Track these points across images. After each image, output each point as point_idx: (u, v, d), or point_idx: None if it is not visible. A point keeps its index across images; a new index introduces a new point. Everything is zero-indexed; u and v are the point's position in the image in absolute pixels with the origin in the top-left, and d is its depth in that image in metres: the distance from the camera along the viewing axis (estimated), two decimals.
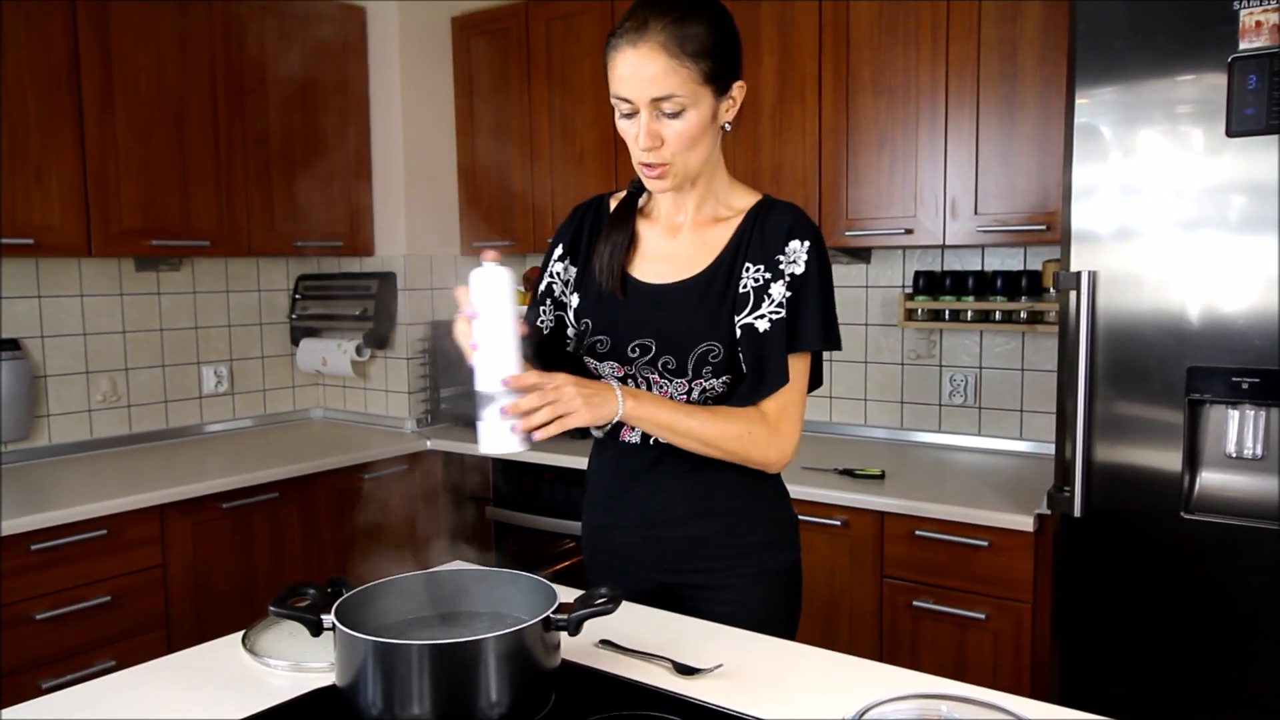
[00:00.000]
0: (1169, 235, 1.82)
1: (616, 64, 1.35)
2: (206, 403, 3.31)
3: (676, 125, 1.35)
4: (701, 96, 1.35)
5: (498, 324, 1.22)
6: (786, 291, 1.41)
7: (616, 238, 1.50)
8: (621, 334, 1.46)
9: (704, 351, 1.43)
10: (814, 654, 1.32)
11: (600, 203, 1.59)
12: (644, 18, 1.33)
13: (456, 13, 3.44)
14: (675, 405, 1.42)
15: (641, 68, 1.32)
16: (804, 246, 1.43)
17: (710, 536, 1.49)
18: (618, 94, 1.36)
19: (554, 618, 1.12)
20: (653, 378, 1.47)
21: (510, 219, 3.37)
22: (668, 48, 1.32)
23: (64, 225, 2.60)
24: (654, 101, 1.34)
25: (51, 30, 2.54)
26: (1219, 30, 1.73)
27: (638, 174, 1.45)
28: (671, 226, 1.51)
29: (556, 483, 2.96)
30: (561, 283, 1.56)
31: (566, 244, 1.57)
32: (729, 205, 1.50)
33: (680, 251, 1.49)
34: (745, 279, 1.43)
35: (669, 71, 1.32)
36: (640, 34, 1.32)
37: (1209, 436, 1.84)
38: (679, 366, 1.44)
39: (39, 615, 2.27)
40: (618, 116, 1.40)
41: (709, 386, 1.45)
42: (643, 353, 1.46)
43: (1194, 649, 1.84)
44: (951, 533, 2.20)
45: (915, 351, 2.89)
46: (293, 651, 1.34)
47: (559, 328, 1.56)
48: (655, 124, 1.35)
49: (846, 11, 2.57)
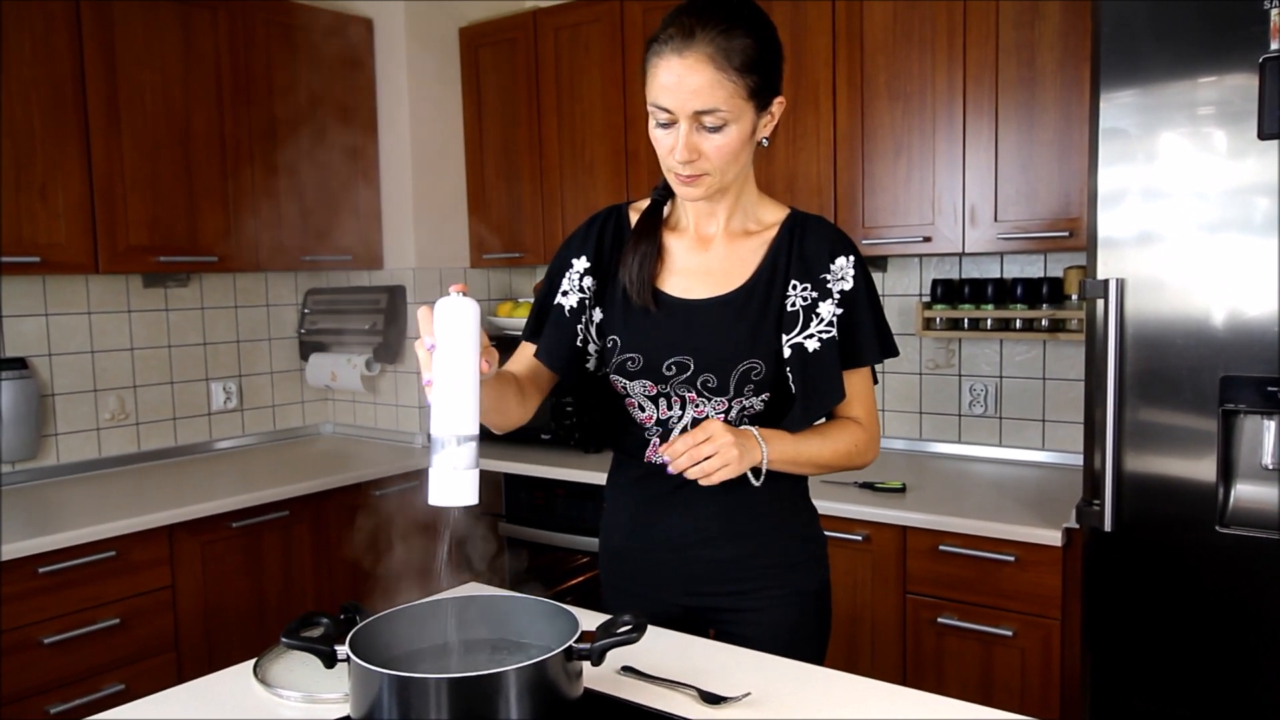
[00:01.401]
0: (1198, 240, 1.77)
1: (659, 72, 1.29)
2: (215, 419, 3.28)
3: (717, 140, 1.31)
4: (744, 112, 1.31)
5: (459, 363, 1.10)
6: (837, 309, 1.40)
7: (645, 249, 1.44)
8: (655, 351, 1.41)
9: (746, 370, 1.39)
10: (844, 680, 1.28)
11: (619, 213, 1.52)
12: (690, 26, 1.27)
13: (464, 23, 3.41)
14: (794, 437, 1.40)
15: (687, 78, 1.26)
16: (850, 262, 1.42)
17: (740, 557, 1.46)
18: (657, 103, 1.30)
19: (576, 647, 1.08)
20: (689, 396, 1.42)
21: (519, 231, 3.33)
22: (715, 59, 1.26)
23: (70, 243, 2.57)
24: (696, 114, 1.28)
25: (56, 47, 2.52)
26: (1249, 31, 1.68)
27: (666, 180, 1.41)
28: (701, 239, 1.46)
29: (570, 498, 2.92)
30: (591, 295, 1.47)
31: (591, 256, 1.48)
32: (758, 219, 1.47)
33: (713, 265, 1.44)
34: (793, 297, 1.41)
35: (715, 85, 1.27)
36: (687, 43, 1.26)
37: (1243, 447, 1.78)
38: (719, 385, 1.40)
39: (47, 639, 2.23)
40: (652, 124, 1.35)
41: (748, 405, 1.42)
42: (679, 370, 1.41)
43: (1229, 666, 1.78)
44: (976, 547, 2.15)
45: (934, 361, 2.84)
46: (305, 682, 1.29)
47: (584, 344, 1.48)
48: (694, 137, 1.30)
49: (860, 17, 2.53)
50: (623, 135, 3.03)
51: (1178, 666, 1.84)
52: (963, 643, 2.20)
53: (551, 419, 3.06)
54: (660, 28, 1.30)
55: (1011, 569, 2.11)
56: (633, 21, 2.96)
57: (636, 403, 1.46)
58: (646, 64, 1.32)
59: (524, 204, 3.31)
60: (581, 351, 1.47)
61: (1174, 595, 1.83)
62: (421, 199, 3.32)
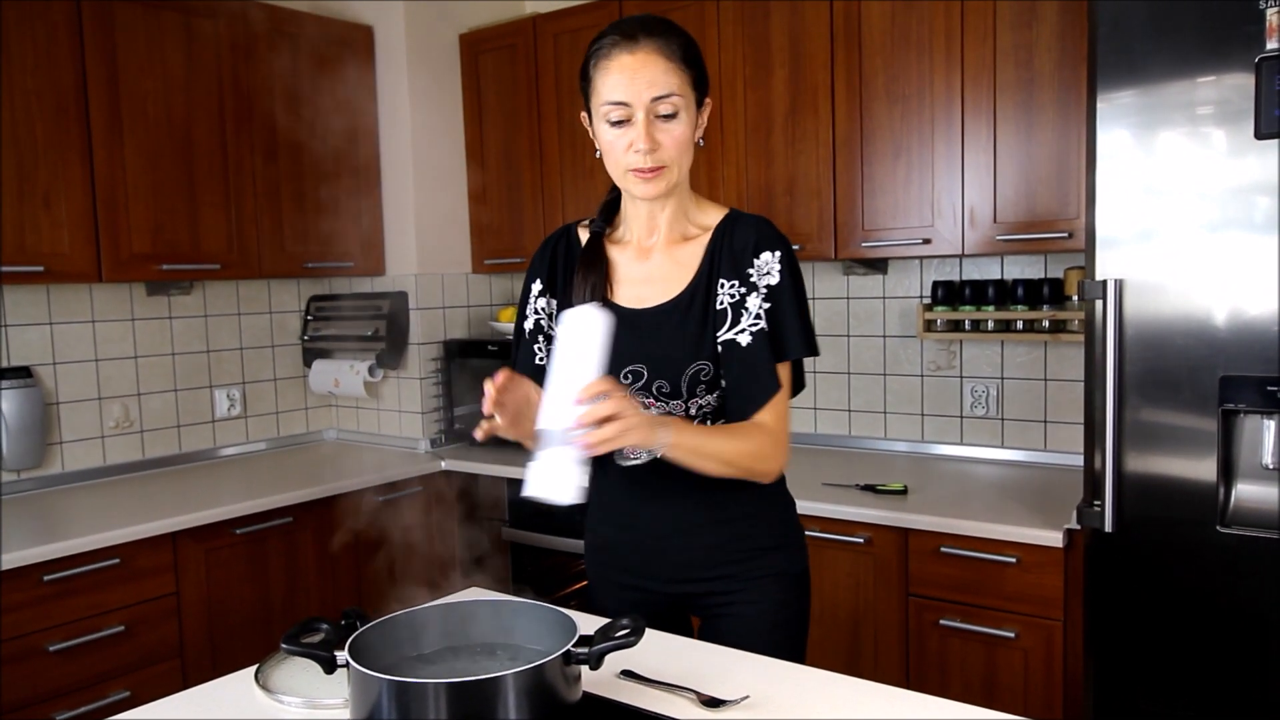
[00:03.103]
0: (1197, 240, 1.77)
1: (610, 71, 1.39)
2: (219, 426, 3.29)
3: (673, 129, 1.40)
4: (690, 101, 1.42)
5: (581, 366, 1.19)
6: (764, 303, 1.44)
7: (593, 278, 1.51)
8: (612, 362, 1.44)
9: (695, 371, 1.46)
10: (842, 682, 1.28)
11: (569, 232, 1.60)
12: (632, 32, 1.40)
13: (464, 30, 3.42)
14: (699, 429, 1.45)
15: (641, 71, 1.37)
16: (775, 257, 1.46)
17: (722, 543, 1.52)
18: (610, 99, 1.39)
19: (574, 651, 1.08)
20: (648, 402, 1.48)
21: (521, 235, 3.34)
22: (662, 51, 1.39)
23: (74, 252, 2.58)
24: (653, 102, 1.38)
25: (59, 57, 2.53)
26: (1245, 30, 1.68)
27: (622, 185, 1.47)
28: (642, 250, 1.53)
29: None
30: (547, 317, 1.57)
31: (544, 278, 1.58)
32: (698, 223, 1.52)
33: (655, 273, 1.51)
34: (721, 295, 1.46)
35: (668, 72, 1.38)
36: (634, 42, 1.39)
37: (1244, 447, 1.78)
38: (673, 389, 1.46)
39: (52, 647, 2.24)
40: (603, 130, 1.43)
41: (704, 403, 1.48)
42: (635, 379, 1.47)
43: (1232, 666, 1.78)
44: (978, 549, 2.15)
45: (935, 363, 2.84)
46: (307, 688, 1.30)
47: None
48: (652, 127, 1.39)
49: (858, 19, 2.54)
50: None
51: (1180, 667, 1.83)
52: (965, 644, 2.19)
53: None
54: (596, 42, 1.43)
55: (1014, 570, 2.11)
56: None
57: None
58: (591, 70, 1.43)
59: (525, 209, 3.32)
60: (543, 369, 1.52)
61: (1175, 595, 1.83)
62: (423, 205, 3.33)
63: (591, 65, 1.43)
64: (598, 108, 1.42)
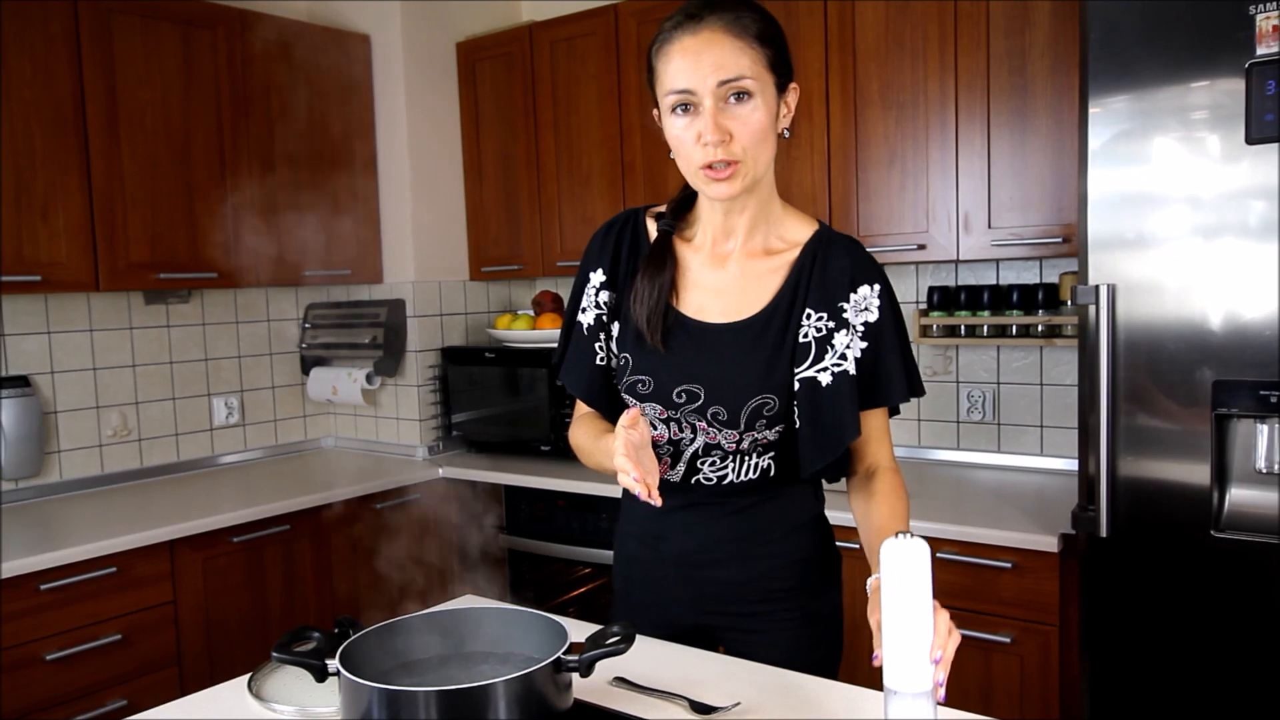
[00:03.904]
0: (1189, 245, 1.77)
1: (673, 56, 1.24)
2: (218, 435, 3.29)
3: (745, 114, 1.23)
4: (766, 85, 1.25)
5: (918, 608, 1.02)
6: (861, 342, 1.31)
7: (659, 284, 1.35)
8: (666, 376, 1.34)
9: (758, 405, 1.32)
10: (837, 690, 1.28)
11: (636, 219, 1.43)
12: (696, 12, 1.24)
13: (461, 38, 3.44)
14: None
15: (706, 52, 1.21)
16: (874, 291, 1.33)
17: (750, 579, 1.41)
18: (675, 88, 1.23)
19: (564, 659, 1.08)
20: (700, 425, 1.35)
21: (518, 243, 3.35)
22: (730, 29, 1.22)
23: (71, 261, 2.59)
24: (722, 85, 1.21)
25: (57, 68, 2.54)
26: (1235, 36, 1.69)
27: (695, 185, 1.30)
28: (716, 256, 1.37)
29: (570, 509, 2.92)
30: (609, 311, 1.41)
31: (607, 268, 1.41)
32: (781, 235, 1.37)
33: (729, 286, 1.35)
34: (806, 327, 1.31)
35: (737, 51, 1.22)
36: (698, 22, 1.23)
37: (1237, 452, 1.78)
38: (730, 418, 1.32)
39: (49, 656, 2.24)
40: (671, 121, 1.26)
41: (760, 437, 1.35)
42: (690, 399, 1.33)
43: (1227, 670, 1.78)
44: (974, 554, 2.15)
45: (931, 368, 2.84)
46: (300, 696, 1.30)
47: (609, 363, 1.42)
48: (722, 115, 1.22)
49: (852, 26, 2.55)
50: (619, 147, 3.04)
51: (1176, 671, 1.83)
52: (962, 650, 2.16)
53: (551, 430, 3.07)
54: (661, 27, 1.27)
55: (1009, 575, 2.11)
56: (627, 34, 2.97)
57: (649, 419, 1.39)
58: (655, 58, 1.27)
59: (522, 216, 3.32)
60: (605, 370, 1.41)
61: (1171, 600, 1.83)
62: (420, 212, 3.34)
63: (654, 52, 1.27)
64: (663, 99, 1.26)
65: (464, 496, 3.17)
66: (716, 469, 1.39)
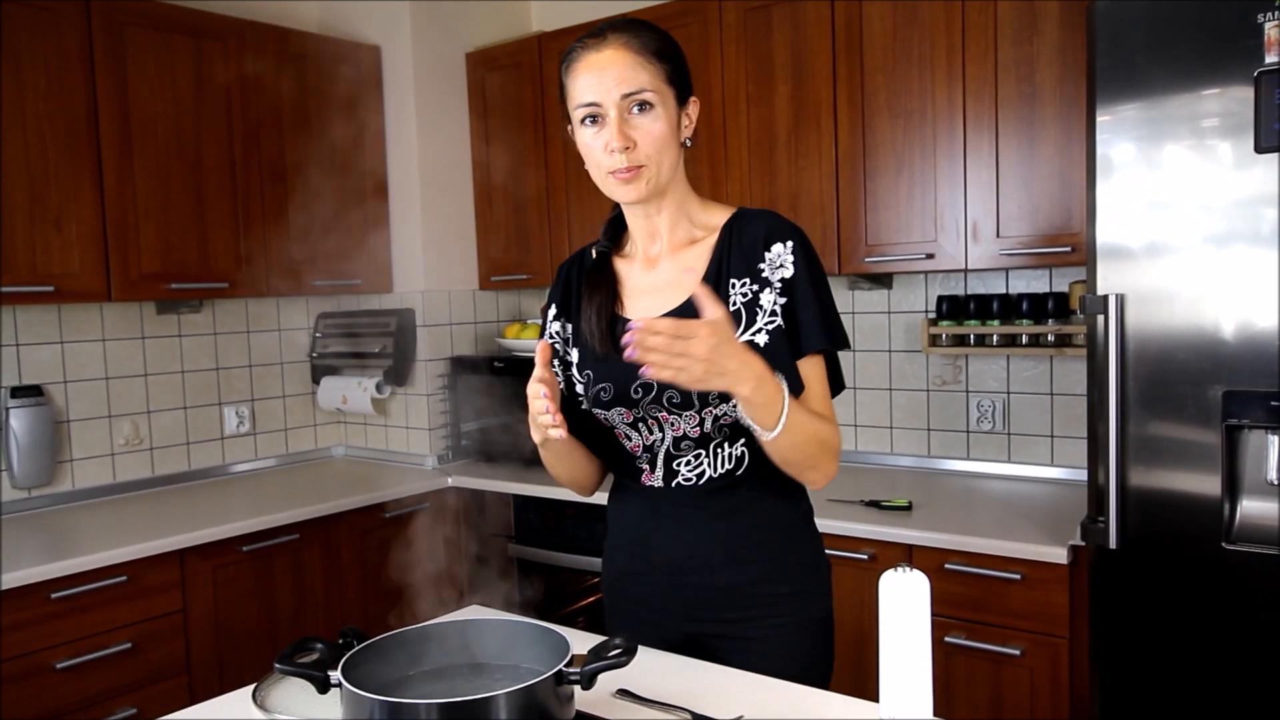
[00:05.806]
0: (1199, 254, 1.76)
1: (578, 73, 1.36)
2: (229, 444, 3.31)
3: (647, 123, 1.34)
4: (667, 97, 1.36)
5: (914, 640, 1.05)
6: (781, 299, 1.37)
7: (599, 299, 1.46)
8: (623, 377, 1.41)
9: None
10: (839, 702, 1.27)
11: (583, 255, 1.56)
12: (600, 33, 1.37)
13: (470, 48, 3.45)
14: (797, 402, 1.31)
15: (608, 69, 1.33)
16: (787, 248, 1.38)
17: (741, 585, 1.43)
18: (583, 101, 1.35)
19: (566, 671, 1.08)
20: (661, 416, 1.40)
21: (528, 253, 3.36)
22: (630, 46, 1.35)
23: (84, 272, 2.61)
24: (625, 98, 1.33)
25: (70, 81, 2.57)
26: (1244, 44, 1.68)
27: (605, 190, 1.41)
28: (648, 260, 1.47)
29: (578, 519, 2.92)
30: (562, 341, 1.53)
31: (559, 303, 1.54)
32: (703, 225, 1.46)
33: (663, 282, 1.44)
34: (733, 295, 1.38)
35: (636, 67, 1.34)
36: (602, 41, 1.36)
37: (1248, 463, 1.77)
38: (684, 398, 1.37)
39: (60, 664, 2.25)
40: (581, 132, 1.38)
41: (720, 413, 1.37)
42: (645, 392, 1.39)
43: (1238, 683, 1.76)
44: (983, 565, 2.14)
45: (941, 378, 2.83)
46: (304, 707, 1.30)
47: (572, 386, 1.52)
48: (626, 124, 1.34)
49: (860, 35, 2.55)
50: None
51: (1186, 684, 1.81)
52: (971, 662, 2.18)
53: None
54: (570, 48, 1.39)
55: (1019, 587, 2.10)
56: None
57: (622, 432, 1.46)
58: (565, 75, 1.39)
59: (531, 226, 3.33)
60: (568, 395, 1.51)
61: (1181, 612, 1.81)
62: (430, 222, 3.35)
63: (564, 71, 1.39)
64: (574, 112, 1.38)
65: (473, 506, 3.17)
66: (693, 466, 1.42)
